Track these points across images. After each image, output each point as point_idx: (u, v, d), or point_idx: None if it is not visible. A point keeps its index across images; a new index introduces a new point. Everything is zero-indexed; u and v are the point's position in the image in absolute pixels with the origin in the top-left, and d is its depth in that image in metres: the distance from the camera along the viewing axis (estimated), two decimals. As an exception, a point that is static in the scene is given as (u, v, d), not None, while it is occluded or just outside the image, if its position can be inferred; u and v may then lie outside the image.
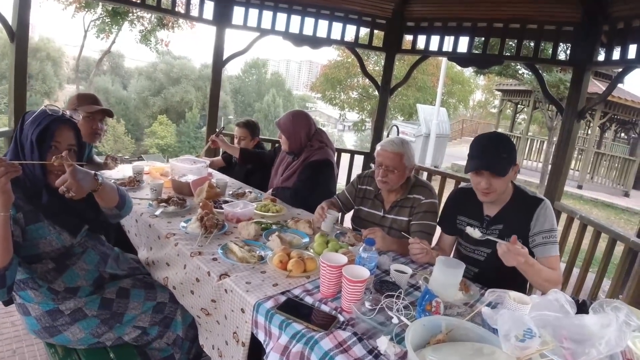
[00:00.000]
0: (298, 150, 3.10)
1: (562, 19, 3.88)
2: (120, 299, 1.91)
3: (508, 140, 2.08)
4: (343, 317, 1.50)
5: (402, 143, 2.49)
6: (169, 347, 2.01)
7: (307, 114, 3.20)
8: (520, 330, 1.28)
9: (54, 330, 1.79)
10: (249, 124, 3.94)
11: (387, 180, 2.44)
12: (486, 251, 2.19)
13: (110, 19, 15.81)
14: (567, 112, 3.92)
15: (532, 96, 14.13)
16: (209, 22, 4.52)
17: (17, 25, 3.26)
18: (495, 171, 1.99)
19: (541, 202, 2.07)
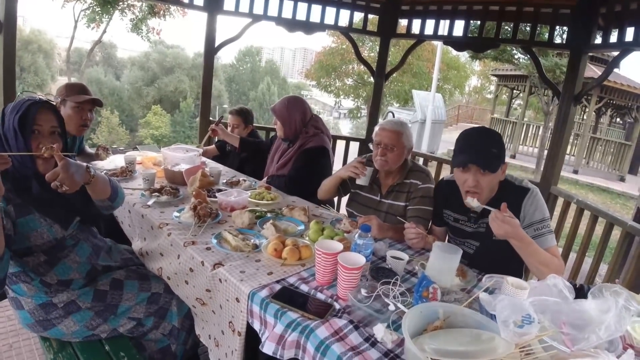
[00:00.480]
0: (293, 137, 3.06)
1: (558, 1, 3.82)
2: (114, 290, 1.89)
3: (498, 136, 2.00)
4: (339, 305, 1.48)
5: (401, 123, 2.50)
6: (164, 338, 1.99)
7: (302, 100, 3.16)
8: (519, 316, 1.27)
9: (47, 323, 1.78)
10: (241, 112, 3.89)
11: (386, 159, 2.42)
12: (475, 244, 2.14)
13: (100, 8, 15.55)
14: (563, 96, 3.89)
15: (528, 81, 14.06)
16: (199, 9, 4.43)
17: (4, 17, 3.17)
18: (485, 166, 1.88)
19: (528, 192, 1.97)
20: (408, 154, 2.52)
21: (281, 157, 3.14)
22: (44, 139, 1.65)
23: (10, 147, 1.61)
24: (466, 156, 1.91)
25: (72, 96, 2.67)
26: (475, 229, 2.11)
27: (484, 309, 1.44)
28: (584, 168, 13.46)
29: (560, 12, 3.86)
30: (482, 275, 1.86)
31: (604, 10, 3.60)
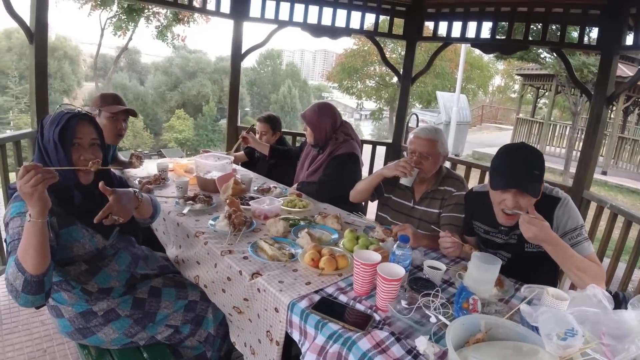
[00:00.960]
0: (323, 143, 3.08)
1: (588, 1, 3.75)
2: (152, 298, 1.92)
3: (540, 155, 1.88)
4: (378, 316, 1.48)
5: (435, 131, 2.48)
6: (200, 345, 2.02)
7: (332, 106, 3.17)
8: (563, 329, 1.26)
9: (87, 331, 1.81)
10: (269, 119, 3.90)
11: (422, 167, 2.41)
12: (507, 255, 2.09)
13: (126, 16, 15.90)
14: (595, 97, 3.80)
15: (555, 80, 13.78)
16: (226, 16, 4.49)
17: (35, 26, 3.26)
18: (526, 189, 1.79)
19: (559, 202, 1.90)
20: (443, 161, 2.51)
21: (311, 163, 3.15)
22: (84, 151, 1.69)
23: (51, 160, 1.65)
24: (510, 181, 1.82)
25: (107, 106, 2.74)
26: (507, 240, 2.07)
27: (524, 321, 1.43)
28: (613, 168, 13.11)
29: (590, 13, 3.78)
30: (520, 285, 1.84)
31: (634, 11, 3.52)
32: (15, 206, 1.55)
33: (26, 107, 22.16)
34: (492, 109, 29.16)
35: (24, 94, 22.56)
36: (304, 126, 3.15)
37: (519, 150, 1.90)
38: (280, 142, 3.91)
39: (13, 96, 23.43)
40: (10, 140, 3.22)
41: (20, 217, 1.50)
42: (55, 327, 1.92)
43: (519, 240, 2.00)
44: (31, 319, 2.83)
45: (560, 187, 3.76)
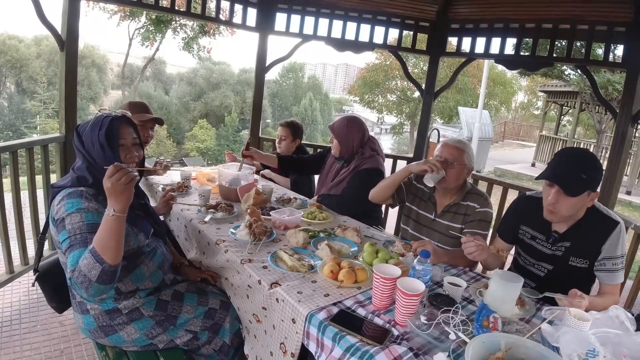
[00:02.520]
0: (349, 156, 3.07)
1: (614, 18, 3.71)
2: (175, 301, 1.95)
3: (594, 162, 1.88)
4: (397, 331, 1.48)
5: (464, 142, 2.50)
6: (215, 354, 2.03)
7: (361, 121, 3.16)
8: (584, 349, 1.25)
9: (109, 329, 1.84)
10: (291, 124, 3.87)
11: (445, 175, 2.37)
12: (548, 267, 2.07)
13: (154, 27, 16.29)
14: (620, 116, 3.75)
15: (579, 97, 13.59)
16: (251, 29, 4.58)
17: (66, 35, 3.38)
18: (566, 188, 1.83)
19: (617, 226, 1.91)
20: (468, 174, 2.48)
21: (335, 176, 3.14)
22: (129, 150, 1.82)
23: (97, 162, 1.74)
24: (552, 172, 1.89)
25: (136, 114, 2.80)
26: (553, 251, 2.04)
27: (546, 341, 1.41)
28: (637, 188, 12.79)
29: (616, 30, 3.74)
30: (541, 305, 1.82)
31: (659, 28, 3.48)
32: (71, 203, 1.64)
33: (53, 113, 22.77)
34: (514, 125, 28.83)
35: (51, 99, 23.20)
36: (331, 138, 3.14)
37: (573, 152, 1.97)
38: (300, 150, 3.89)
39: (41, 101, 24.11)
40: (38, 144, 3.34)
41: (80, 212, 1.62)
42: (76, 325, 1.95)
43: (565, 253, 2.01)
44: (50, 319, 2.89)
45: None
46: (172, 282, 2.04)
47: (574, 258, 1.98)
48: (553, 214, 1.92)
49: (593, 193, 1.87)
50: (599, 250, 1.93)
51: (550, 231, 2.04)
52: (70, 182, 1.74)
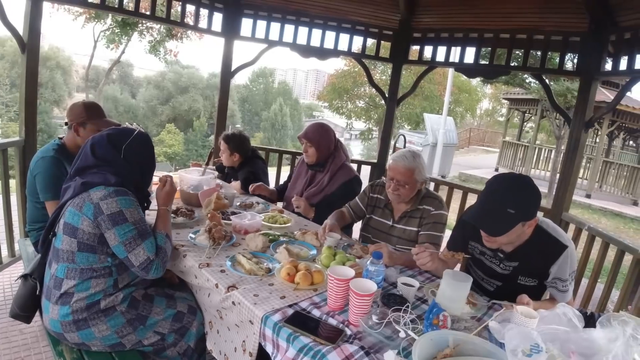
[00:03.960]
0: (324, 161, 3.10)
1: (569, 29, 3.87)
2: (146, 301, 1.97)
3: (523, 191, 1.82)
4: (350, 331, 1.51)
5: (413, 157, 2.48)
6: (178, 357, 2.04)
7: (329, 125, 3.25)
8: (528, 345, 1.28)
9: (83, 323, 1.83)
10: (229, 138, 3.62)
11: (399, 194, 2.48)
12: (497, 283, 2.10)
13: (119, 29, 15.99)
14: (574, 122, 3.91)
15: (540, 105, 14.05)
16: (217, 34, 4.57)
17: (28, 36, 3.29)
18: (491, 232, 1.83)
19: (565, 250, 1.89)
20: (421, 185, 2.54)
21: (310, 183, 3.16)
22: None
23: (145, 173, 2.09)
24: (477, 216, 1.86)
25: (96, 120, 2.70)
26: (502, 269, 2.05)
27: (493, 338, 1.46)
28: (597, 192, 13.30)
29: (571, 39, 3.90)
30: (493, 303, 1.88)
31: (613, 38, 3.63)
32: (124, 200, 1.82)
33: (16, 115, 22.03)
34: (479, 131, 29.56)
35: (14, 102, 22.46)
36: (304, 147, 3.12)
37: (501, 187, 1.87)
38: (246, 163, 3.65)
39: (3, 104, 23.32)
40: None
41: (135, 208, 1.85)
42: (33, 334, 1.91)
43: (513, 271, 2.01)
44: (10, 327, 2.81)
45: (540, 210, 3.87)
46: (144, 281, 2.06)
47: (522, 277, 1.99)
48: (491, 243, 1.92)
49: (529, 221, 1.83)
50: (548, 271, 1.94)
51: (497, 250, 2.03)
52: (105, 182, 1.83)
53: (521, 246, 1.95)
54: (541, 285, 2.01)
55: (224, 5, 4.46)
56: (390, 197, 2.57)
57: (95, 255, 1.81)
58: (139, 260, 1.79)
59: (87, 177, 1.85)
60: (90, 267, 1.81)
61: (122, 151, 1.92)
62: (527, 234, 1.90)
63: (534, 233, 1.92)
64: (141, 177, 2.03)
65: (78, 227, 1.77)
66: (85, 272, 1.81)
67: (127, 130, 2.01)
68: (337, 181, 3.06)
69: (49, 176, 2.39)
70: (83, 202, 1.78)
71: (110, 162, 1.89)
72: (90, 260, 1.81)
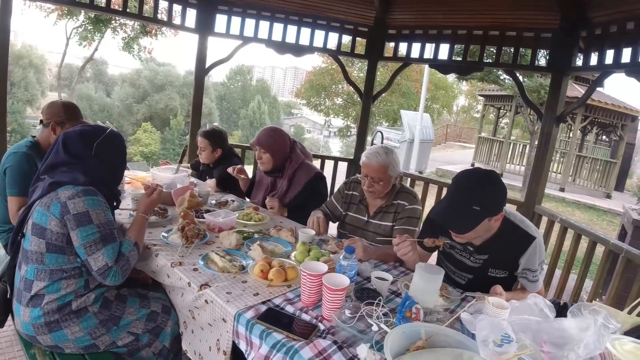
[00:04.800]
0: (281, 165, 3.01)
1: (540, 25, 3.95)
2: (119, 302, 1.95)
3: (488, 188, 1.82)
4: (324, 326, 1.51)
5: (386, 153, 2.47)
6: (153, 357, 2.02)
7: (281, 128, 3.14)
8: (498, 335, 1.29)
9: (55, 325, 1.79)
10: (209, 134, 3.53)
11: (374, 190, 2.49)
12: (468, 276, 2.12)
13: (92, 26, 15.65)
14: (546, 116, 3.99)
15: (514, 101, 14.31)
16: (191, 30, 4.51)
17: (-4, 34, 3.21)
18: (457, 230, 1.85)
19: (533, 241, 1.93)
20: (395, 180, 2.56)
21: (271, 191, 3.09)
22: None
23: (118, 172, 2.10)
24: (442, 214, 1.87)
25: (73, 121, 2.65)
26: (472, 262, 2.08)
27: (465, 329, 1.47)
28: (571, 186, 13.62)
29: (542, 36, 3.97)
30: (465, 295, 1.90)
31: (584, 34, 3.72)
32: (92, 200, 1.79)
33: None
34: (456, 128, 29.96)
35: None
36: (257, 154, 3.00)
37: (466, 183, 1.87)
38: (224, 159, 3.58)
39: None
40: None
41: (103, 210, 1.81)
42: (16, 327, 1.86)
43: (484, 264, 2.04)
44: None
45: (513, 203, 3.94)
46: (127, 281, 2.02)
47: (492, 269, 2.03)
48: (459, 239, 1.93)
49: (495, 216, 1.83)
50: (517, 263, 1.97)
51: (467, 243, 2.04)
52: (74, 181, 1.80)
53: (490, 239, 1.97)
54: (512, 277, 2.05)
55: (197, 1, 4.42)
56: (366, 194, 2.58)
57: (64, 256, 1.78)
58: (97, 265, 1.76)
59: (56, 176, 1.82)
60: (60, 268, 1.78)
61: (94, 148, 1.90)
62: (494, 228, 1.91)
63: (502, 226, 1.94)
64: (111, 175, 2.01)
65: (46, 228, 1.75)
66: (55, 273, 1.77)
67: (99, 128, 1.99)
68: (298, 183, 2.99)
69: (19, 171, 2.35)
70: (51, 202, 1.76)
71: (81, 159, 1.86)
72: (59, 261, 1.77)
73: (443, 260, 2.25)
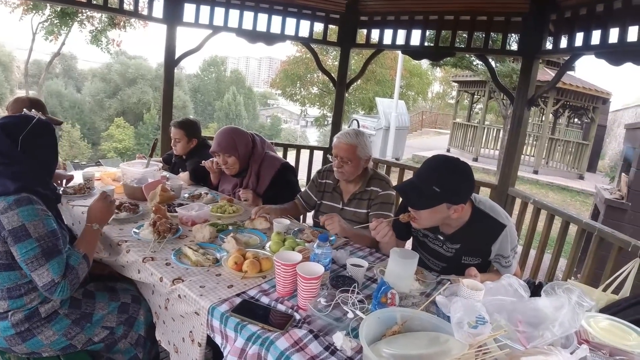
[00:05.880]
0: (246, 165, 2.93)
1: (511, 9, 3.96)
2: (87, 299, 1.91)
3: (455, 174, 1.84)
4: (299, 316, 1.50)
5: (356, 135, 2.53)
6: (132, 348, 2.01)
7: (238, 127, 3.03)
8: (473, 317, 1.30)
9: (27, 334, 1.75)
10: (183, 124, 3.47)
11: (343, 171, 2.51)
12: (442, 264, 2.14)
13: (58, 20, 15.17)
14: (517, 100, 4.02)
15: (487, 86, 14.45)
16: (159, 21, 4.40)
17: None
18: (410, 203, 1.88)
19: (504, 229, 1.96)
20: (366, 163, 2.57)
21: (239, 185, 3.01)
22: None
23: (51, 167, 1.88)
24: (402, 185, 1.95)
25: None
26: (445, 251, 2.10)
27: (441, 312, 1.48)
28: (544, 168, 13.88)
29: (513, 20, 3.99)
30: (441, 279, 1.91)
31: (554, 17, 3.74)
32: (26, 210, 1.61)
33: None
34: (432, 114, 30.17)
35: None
36: (221, 159, 2.87)
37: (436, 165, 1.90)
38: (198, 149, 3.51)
39: None
40: None
41: (41, 220, 1.63)
42: None
43: (457, 252, 2.06)
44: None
45: (487, 186, 3.98)
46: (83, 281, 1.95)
47: (466, 257, 2.05)
48: (415, 222, 1.94)
49: (455, 206, 1.84)
50: (489, 249, 2.00)
51: (438, 232, 2.07)
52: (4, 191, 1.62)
53: (461, 229, 2.01)
54: (485, 263, 2.07)
55: (164, -10, 4.30)
56: (336, 176, 2.59)
57: (15, 272, 1.67)
58: (42, 281, 1.60)
59: None
60: (16, 285, 1.69)
61: (20, 143, 1.70)
62: (455, 219, 1.92)
63: (472, 215, 1.98)
64: (44, 170, 1.81)
65: None
66: (13, 290, 1.70)
67: (24, 119, 1.78)
68: (266, 178, 2.92)
69: None
70: None
71: (7, 157, 1.68)
72: (12, 278, 1.68)
73: (418, 248, 2.27)
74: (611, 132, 16.82)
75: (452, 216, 1.88)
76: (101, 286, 2.02)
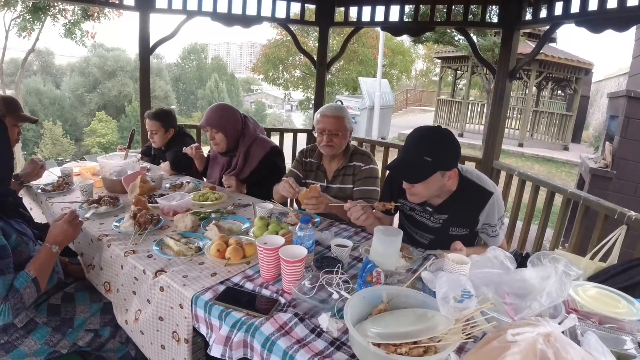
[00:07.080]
0: (235, 143, 2.88)
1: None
2: (66, 304, 1.86)
3: (441, 142, 1.85)
4: (284, 299, 1.48)
5: (340, 108, 2.57)
6: (122, 346, 1.99)
7: (230, 105, 2.99)
8: (458, 291, 1.29)
9: (9, 346, 1.72)
10: (158, 115, 3.37)
11: (333, 144, 2.50)
12: (430, 237, 2.14)
13: (31, 15, 14.78)
14: (498, 72, 4.02)
15: (470, 61, 14.42)
16: (130, 8, 4.28)
17: None
18: (407, 178, 1.87)
19: (491, 196, 1.96)
20: (350, 136, 2.59)
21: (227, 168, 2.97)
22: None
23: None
24: (393, 164, 1.91)
25: (14, 114, 2.51)
26: (433, 223, 2.10)
27: (427, 288, 1.46)
28: (529, 141, 13.95)
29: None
30: (427, 254, 1.90)
31: (534, -13, 3.72)
32: None
33: None
34: (416, 92, 30.10)
35: None
36: (209, 135, 2.85)
37: (420, 135, 1.88)
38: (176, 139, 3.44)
39: None
40: None
41: None
42: None
43: (444, 223, 2.05)
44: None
45: (472, 160, 3.98)
46: (61, 284, 1.93)
47: (453, 228, 2.05)
48: (414, 197, 1.95)
49: (448, 172, 1.86)
50: (477, 219, 2.00)
51: (425, 204, 2.07)
52: None
53: (448, 199, 2.00)
54: (473, 233, 2.07)
55: (134, -24, 4.17)
56: (325, 151, 2.56)
57: None
58: None
59: None
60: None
61: None
62: (449, 186, 1.94)
63: (459, 184, 1.98)
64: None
65: None
66: None
67: None
68: (254, 159, 2.88)
69: None
70: None
71: None
72: None
73: (405, 221, 2.26)
74: (594, 102, 16.92)
75: (447, 183, 1.89)
76: (81, 285, 1.98)
